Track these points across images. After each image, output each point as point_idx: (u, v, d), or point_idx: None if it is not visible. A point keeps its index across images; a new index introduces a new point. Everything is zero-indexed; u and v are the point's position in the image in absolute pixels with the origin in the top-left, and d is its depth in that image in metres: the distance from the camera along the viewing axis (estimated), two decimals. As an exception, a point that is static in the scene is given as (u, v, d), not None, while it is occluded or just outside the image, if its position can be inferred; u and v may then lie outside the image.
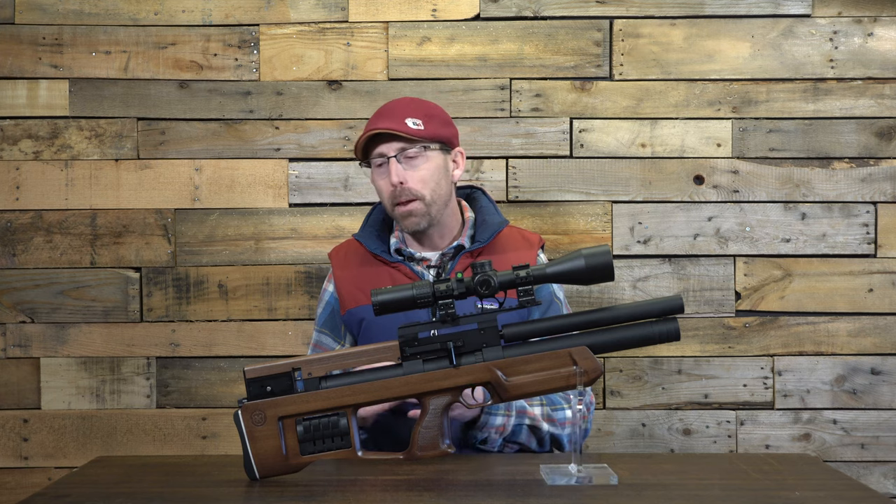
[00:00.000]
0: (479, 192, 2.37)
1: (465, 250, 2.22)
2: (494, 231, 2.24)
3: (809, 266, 2.79)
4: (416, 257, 2.24)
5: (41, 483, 2.76)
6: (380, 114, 2.23)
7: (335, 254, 2.33)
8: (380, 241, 2.27)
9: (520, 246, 2.25)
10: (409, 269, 2.21)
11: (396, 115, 2.19)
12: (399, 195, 2.17)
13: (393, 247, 2.25)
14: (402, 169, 2.17)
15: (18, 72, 2.80)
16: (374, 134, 2.18)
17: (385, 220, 2.33)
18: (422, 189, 2.18)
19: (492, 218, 2.28)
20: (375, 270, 2.23)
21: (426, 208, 2.19)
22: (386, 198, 2.21)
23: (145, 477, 1.85)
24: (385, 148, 2.19)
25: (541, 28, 2.80)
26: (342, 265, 2.29)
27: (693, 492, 1.70)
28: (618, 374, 2.79)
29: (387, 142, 2.18)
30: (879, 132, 2.79)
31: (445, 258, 2.23)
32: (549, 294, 2.24)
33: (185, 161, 2.81)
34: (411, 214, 2.18)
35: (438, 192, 2.20)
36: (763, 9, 2.79)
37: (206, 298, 2.80)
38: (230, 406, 2.79)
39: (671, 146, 2.80)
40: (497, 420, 2.07)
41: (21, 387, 2.80)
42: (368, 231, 2.29)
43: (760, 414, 2.79)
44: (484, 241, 2.22)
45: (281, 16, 2.80)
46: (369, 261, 2.25)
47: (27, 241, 2.80)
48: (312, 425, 1.77)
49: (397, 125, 2.16)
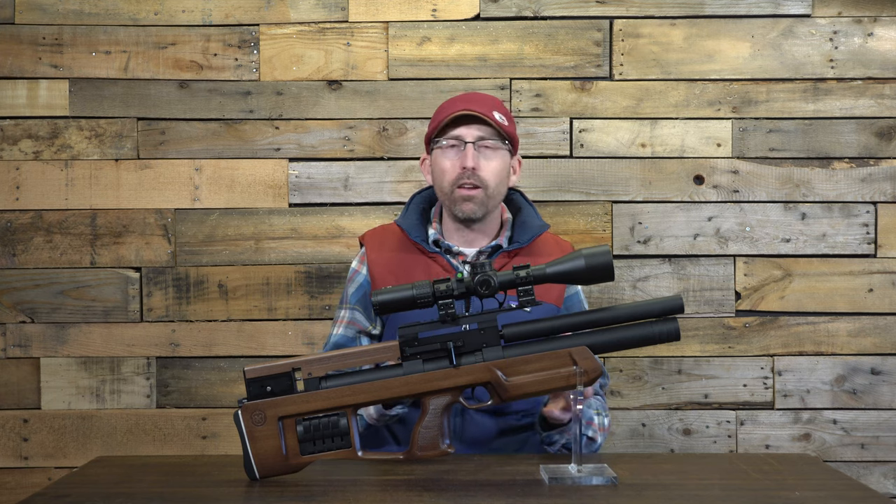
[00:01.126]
0: (518, 195, 2.36)
1: (502, 250, 2.22)
2: (535, 234, 2.24)
3: (809, 266, 2.79)
4: (453, 251, 2.23)
5: (41, 483, 2.76)
6: (467, 98, 2.24)
7: (370, 237, 2.31)
8: (420, 229, 2.26)
9: (553, 251, 2.25)
10: (447, 261, 2.20)
11: (486, 104, 2.22)
12: (466, 179, 2.17)
13: (431, 237, 2.24)
14: (477, 155, 2.18)
15: (18, 72, 2.80)
16: (461, 115, 2.18)
17: (424, 212, 2.32)
18: (489, 179, 2.18)
19: (532, 220, 2.27)
20: (412, 258, 2.22)
21: (486, 199, 2.19)
22: (449, 179, 2.20)
23: (145, 477, 1.85)
24: (464, 131, 2.19)
25: (541, 28, 2.80)
26: (378, 248, 2.27)
27: (693, 492, 1.70)
28: (618, 374, 2.79)
29: (468, 125, 2.19)
30: (879, 132, 2.79)
31: (483, 256, 2.23)
32: (578, 304, 2.25)
33: (185, 161, 2.81)
34: (472, 200, 2.18)
35: (500, 188, 2.22)
36: (763, 9, 2.79)
37: (206, 298, 2.80)
38: (230, 406, 2.79)
39: (671, 146, 2.80)
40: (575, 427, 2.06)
41: (21, 387, 2.80)
42: (410, 218, 2.28)
43: (760, 414, 2.79)
44: (523, 242, 2.22)
45: (281, 16, 2.80)
46: (407, 247, 2.24)
47: (27, 241, 2.80)
48: (312, 425, 1.77)
49: (488, 112, 2.19)
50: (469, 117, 2.18)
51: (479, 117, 2.18)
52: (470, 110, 2.18)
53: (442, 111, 2.23)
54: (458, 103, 2.22)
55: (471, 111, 2.17)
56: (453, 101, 2.24)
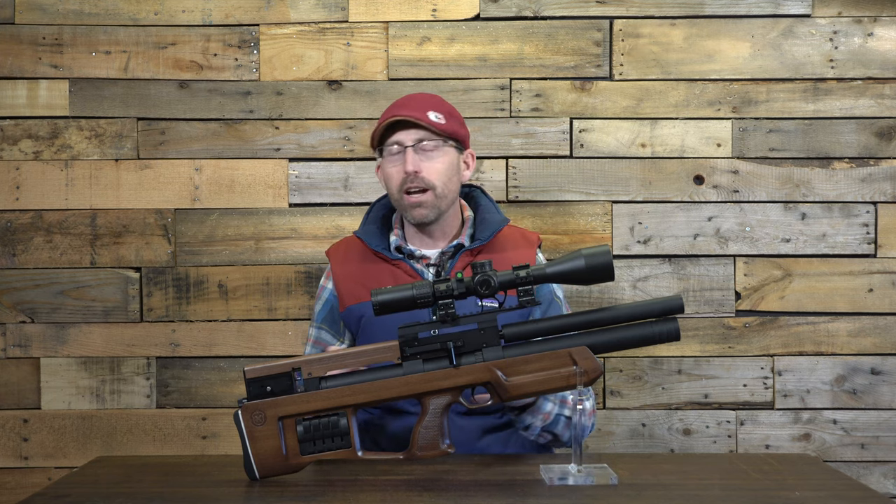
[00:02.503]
0: (478, 191, 2.37)
1: (464, 248, 2.22)
2: (495, 229, 2.24)
3: (809, 266, 2.79)
4: (416, 255, 2.24)
5: (41, 483, 2.76)
6: (401, 103, 2.24)
7: (334, 251, 2.32)
8: (380, 238, 2.27)
9: (519, 244, 2.25)
10: (410, 267, 2.21)
11: (419, 106, 2.21)
12: (411, 183, 2.18)
13: (393, 244, 2.25)
14: (417, 159, 2.18)
15: (18, 72, 2.80)
16: (394, 121, 2.18)
17: (385, 218, 2.33)
18: (435, 180, 2.18)
19: (492, 216, 2.28)
20: (376, 268, 2.23)
21: (436, 200, 2.19)
22: (395, 186, 2.20)
23: (145, 477, 1.85)
24: (403, 136, 2.19)
25: (541, 28, 2.80)
26: (341, 262, 2.28)
27: (693, 492, 1.70)
28: (618, 374, 2.79)
29: (405, 130, 2.19)
30: (879, 132, 2.79)
31: (445, 256, 2.23)
32: (549, 293, 2.24)
33: (185, 161, 2.81)
34: (421, 205, 2.18)
35: (450, 186, 2.21)
36: (763, 9, 2.79)
37: (206, 298, 2.80)
38: (230, 406, 2.79)
39: (671, 146, 2.80)
40: (547, 406, 2.06)
41: (21, 387, 2.80)
42: (369, 228, 2.29)
43: (760, 414, 2.79)
44: (484, 239, 2.22)
45: (281, 16, 2.80)
46: (369, 258, 2.25)
47: (27, 241, 2.80)
48: (312, 425, 1.77)
49: (420, 115, 2.18)
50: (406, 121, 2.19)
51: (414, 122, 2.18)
52: (401, 116, 2.17)
53: (382, 117, 2.23)
54: (392, 109, 2.22)
55: (402, 117, 2.17)
56: (390, 108, 2.24)
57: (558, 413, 2.07)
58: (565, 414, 2.08)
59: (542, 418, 2.05)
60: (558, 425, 2.08)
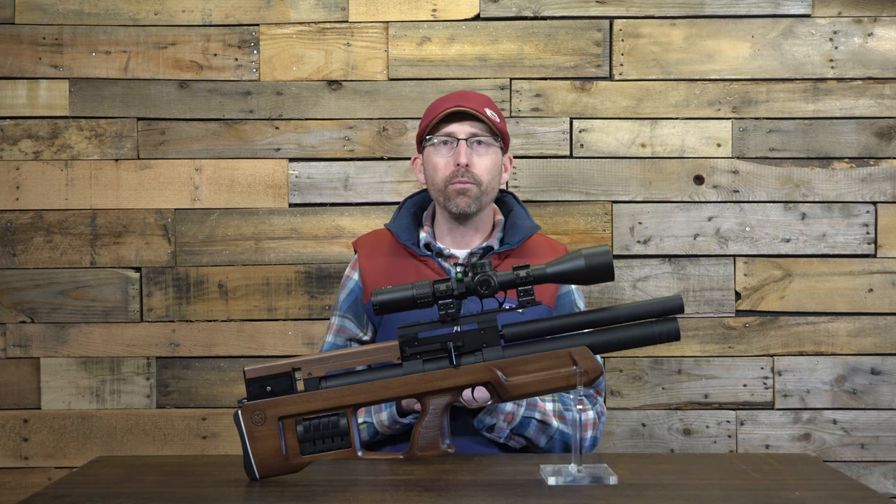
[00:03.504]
0: (510, 197, 2.36)
1: (493, 251, 2.22)
2: (525, 235, 2.24)
3: (809, 266, 2.79)
4: (444, 254, 2.23)
5: (41, 483, 2.76)
6: (460, 96, 2.25)
7: (362, 242, 2.32)
8: (410, 233, 2.26)
9: (546, 253, 2.24)
10: (438, 265, 2.20)
11: (477, 101, 2.23)
12: (460, 175, 2.18)
13: (422, 241, 2.24)
14: (470, 153, 2.19)
15: (18, 72, 2.80)
16: (452, 112, 2.19)
17: (415, 215, 2.32)
18: (482, 176, 2.19)
19: (523, 222, 2.28)
20: (403, 262, 2.22)
21: (480, 195, 2.20)
22: (442, 176, 2.20)
23: (145, 477, 1.85)
24: (457, 128, 2.20)
25: (541, 28, 2.80)
26: (369, 254, 2.28)
27: (693, 492, 1.70)
28: (618, 374, 2.79)
29: (460, 122, 2.20)
30: (879, 132, 2.79)
31: (474, 258, 2.23)
32: (570, 302, 2.24)
33: (185, 161, 2.81)
34: (466, 193, 2.18)
35: (493, 185, 2.23)
36: (763, 9, 2.79)
37: (206, 298, 2.80)
38: (230, 406, 2.79)
39: (671, 146, 2.80)
40: (507, 406, 2.06)
41: (21, 387, 2.80)
42: (400, 222, 2.28)
43: (760, 414, 2.79)
44: (514, 244, 2.22)
45: (281, 16, 2.80)
46: (398, 252, 2.24)
47: (27, 241, 2.80)
48: (312, 425, 1.77)
49: (480, 109, 2.19)
50: (461, 114, 2.19)
51: (471, 114, 2.19)
52: (462, 107, 2.18)
53: (433, 109, 2.24)
54: (450, 100, 2.23)
55: (463, 108, 2.18)
56: (445, 99, 2.25)
57: (527, 416, 2.07)
58: (536, 417, 2.08)
59: (504, 419, 2.05)
60: (529, 429, 2.08)
